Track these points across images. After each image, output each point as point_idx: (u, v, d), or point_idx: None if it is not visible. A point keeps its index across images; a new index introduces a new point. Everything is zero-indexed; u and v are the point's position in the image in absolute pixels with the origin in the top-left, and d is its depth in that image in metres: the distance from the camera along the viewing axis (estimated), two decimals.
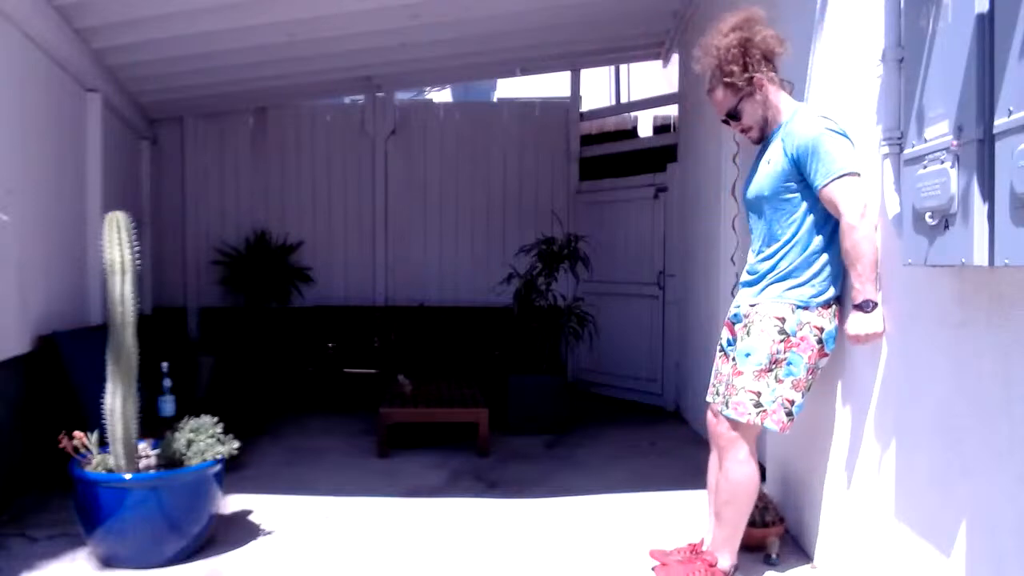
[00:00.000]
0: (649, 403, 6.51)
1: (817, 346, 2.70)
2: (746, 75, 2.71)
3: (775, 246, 2.76)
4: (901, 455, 2.36)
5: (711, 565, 2.79)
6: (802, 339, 2.69)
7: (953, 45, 1.80)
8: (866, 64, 2.53)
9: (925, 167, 1.94)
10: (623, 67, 9.42)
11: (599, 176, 7.27)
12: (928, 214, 1.91)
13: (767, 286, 2.77)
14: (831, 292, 2.71)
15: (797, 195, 2.70)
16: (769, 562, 3.05)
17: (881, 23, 2.34)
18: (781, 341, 2.69)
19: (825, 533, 2.97)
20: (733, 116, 2.82)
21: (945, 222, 1.85)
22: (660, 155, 6.65)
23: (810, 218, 2.70)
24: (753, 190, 2.83)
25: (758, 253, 2.84)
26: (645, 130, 7.40)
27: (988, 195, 1.68)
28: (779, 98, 2.80)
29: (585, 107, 7.66)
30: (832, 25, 2.93)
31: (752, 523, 3.09)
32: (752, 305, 2.79)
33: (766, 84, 2.74)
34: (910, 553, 2.27)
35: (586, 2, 5.35)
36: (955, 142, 1.79)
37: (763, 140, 2.85)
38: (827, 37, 2.98)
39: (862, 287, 2.48)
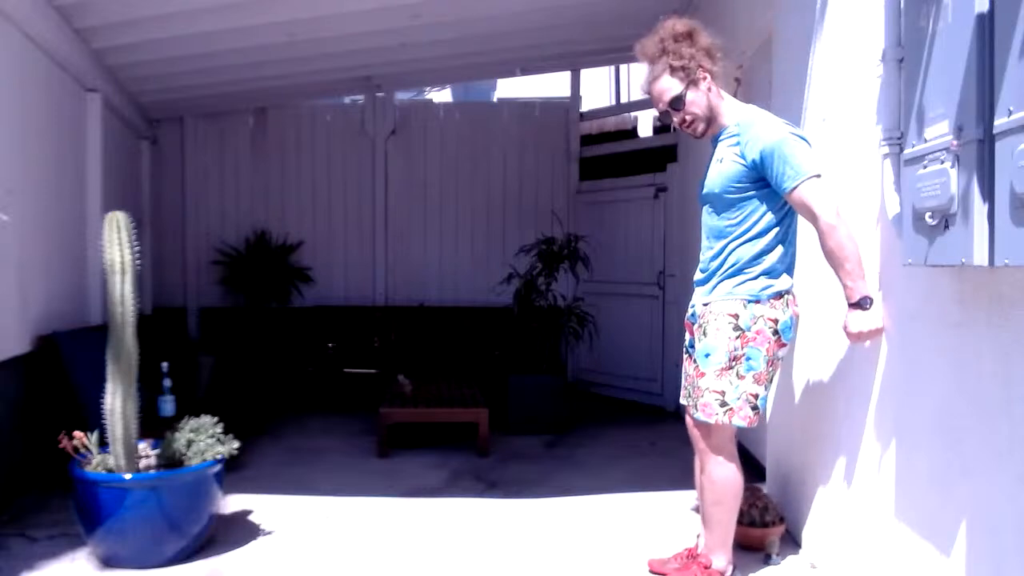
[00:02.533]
0: (649, 403, 6.51)
1: (773, 338, 2.70)
2: (694, 61, 2.73)
3: (724, 242, 2.76)
4: (901, 455, 2.36)
5: (707, 567, 2.79)
6: (758, 333, 2.68)
7: (953, 45, 1.80)
8: (866, 64, 2.53)
9: (925, 167, 1.94)
10: (623, 67, 9.41)
11: (599, 176, 7.27)
12: (928, 214, 1.91)
13: (718, 283, 2.77)
14: (782, 284, 2.72)
15: (748, 193, 2.70)
16: (769, 562, 3.05)
17: (881, 23, 2.34)
18: (737, 338, 2.69)
19: (825, 533, 2.97)
20: (676, 106, 2.78)
21: (945, 222, 1.85)
22: (660, 155, 6.65)
23: (760, 214, 2.70)
24: (706, 188, 2.83)
25: (709, 249, 2.84)
26: (645, 130, 7.40)
27: (988, 195, 1.68)
28: (723, 96, 2.82)
29: (585, 107, 7.66)
30: (832, 25, 2.93)
31: (752, 523, 3.10)
32: (705, 304, 2.79)
33: (711, 77, 2.76)
34: (910, 553, 2.27)
35: (586, 2, 5.34)
36: (955, 142, 1.79)
37: (705, 135, 2.84)
38: (827, 37, 2.98)
39: (854, 285, 2.47)
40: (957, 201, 1.78)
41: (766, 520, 3.11)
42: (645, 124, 7.43)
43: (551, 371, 5.88)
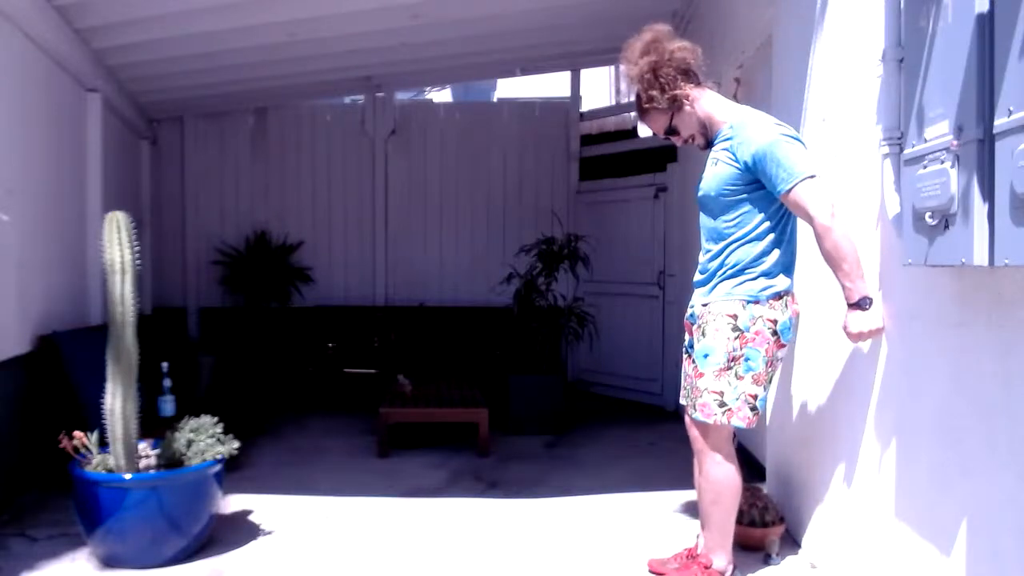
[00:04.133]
0: (649, 403, 6.51)
1: (772, 338, 2.70)
2: (666, 96, 2.75)
3: (722, 243, 2.76)
4: (901, 455, 2.36)
5: (707, 567, 2.79)
6: (757, 333, 2.68)
7: (953, 45, 1.80)
8: (866, 64, 2.53)
9: (925, 167, 1.94)
10: (623, 65, 9.40)
11: (599, 176, 7.27)
12: (928, 214, 1.91)
13: (716, 284, 2.77)
14: (781, 285, 2.72)
15: (744, 195, 2.71)
16: (769, 562, 3.05)
17: (881, 23, 2.34)
18: (736, 338, 2.69)
19: (825, 533, 2.97)
20: (672, 132, 2.87)
21: (945, 222, 1.85)
22: (660, 155, 6.65)
23: (757, 216, 2.70)
24: (702, 190, 2.84)
25: (707, 252, 2.84)
26: (645, 130, 7.39)
27: (988, 195, 1.68)
28: (711, 102, 2.82)
29: (585, 107, 7.66)
30: (832, 25, 2.93)
31: (752, 523, 3.10)
32: (704, 305, 2.80)
33: (691, 94, 2.77)
34: (910, 553, 2.27)
35: (586, 2, 5.35)
36: (955, 142, 1.79)
37: (709, 144, 2.87)
38: (827, 37, 2.98)
39: (853, 285, 2.47)
40: (957, 201, 1.79)
41: (766, 520, 3.12)
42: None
43: (551, 371, 5.88)
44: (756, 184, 2.68)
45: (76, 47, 4.70)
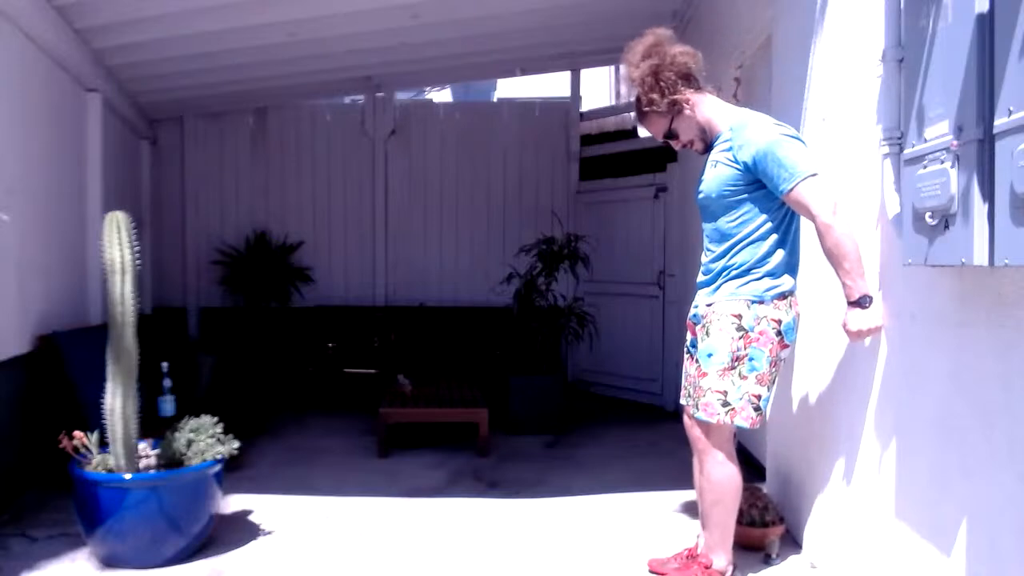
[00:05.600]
0: (649, 403, 6.51)
1: (777, 338, 2.70)
2: (666, 100, 2.76)
3: (726, 244, 2.77)
4: (901, 455, 2.36)
5: (707, 567, 2.79)
6: (761, 333, 2.69)
7: (953, 45, 1.80)
8: (866, 64, 2.53)
9: (925, 167, 1.94)
10: (623, 67, 9.41)
11: (599, 176, 7.27)
12: (928, 214, 1.91)
13: (721, 284, 2.77)
14: (785, 285, 2.72)
15: (745, 195, 2.71)
16: (769, 562, 3.05)
17: (881, 23, 2.34)
18: (740, 338, 2.69)
19: (825, 533, 2.97)
20: (671, 136, 2.87)
21: (945, 222, 1.85)
22: (660, 155, 6.64)
23: (761, 216, 2.70)
24: (702, 191, 2.84)
25: (711, 252, 2.84)
26: (645, 131, 7.39)
27: (988, 195, 1.68)
28: (711, 107, 2.82)
29: (585, 107, 7.66)
30: (832, 25, 2.93)
31: (752, 523, 3.10)
32: (708, 305, 2.80)
33: (691, 98, 2.77)
34: (910, 553, 2.27)
35: (586, 2, 5.35)
36: (955, 142, 1.79)
37: (708, 148, 2.87)
38: (827, 37, 2.98)
39: (854, 283, 2.48)
40: (957, 201, 1.78)
41: (766, 520, 3.12)
42: None
43: (551, 371, 5.88)
44: (757, 184, 2.68)
45: (76, 47, 4.70)
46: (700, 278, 2.89)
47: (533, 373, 5.80)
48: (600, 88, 9.73)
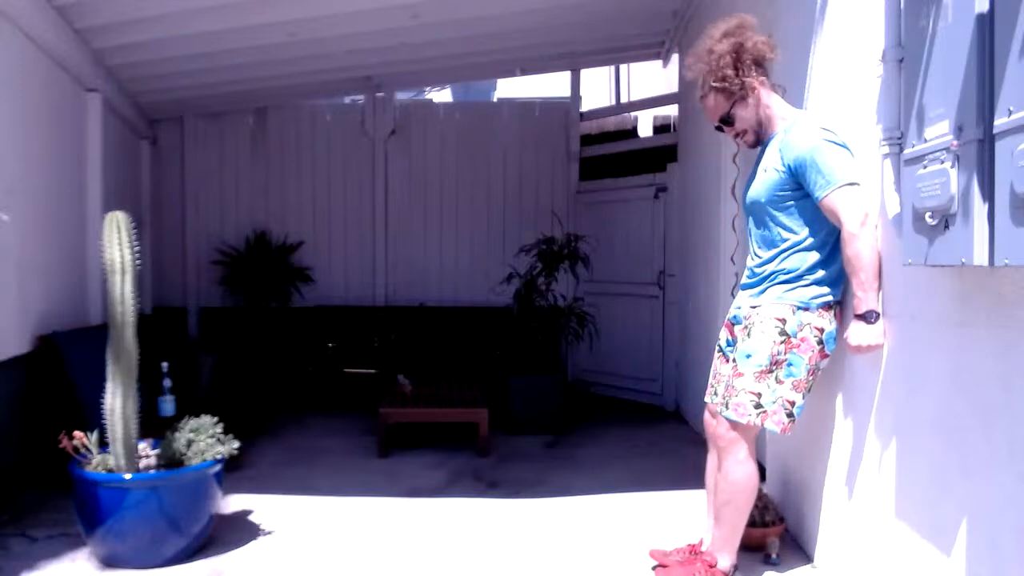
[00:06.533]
0: (649, 403, 6.51)
1: (818, 347, 2.70)
2: (738, 80, 2.73)
3: (775, 250, 2.77)
4: (901, 455, 2.36)
5: (711, 566, 2.79)
6: (803, 340, 2.69)
7: (953, 45, 1.80)
8: (866, 64, 2.53)
9: (925, 167, 1.94)
10: (623, 67, 9.41)
11: (599, 176, 7.27)
12: (928, 214, 1.91)
13: (768, 288, 2.77)
14: (831, 294, 2.72)
15: (794, 202, 2.71)
16: (769, 562, 3.05)
17: (881, 23, 2.34)
18: (782, 342, 2.69)
19: (825, 533, 2.97)
20: (726, 121, 2.84)
21: (945, 222, 1.85)
22: (660, 155, 6.65)
23: (810, 223, 2.70)
24: (751, 196, 2.84)
25: (758, 257, 2.84)
26: (645, 130, 7.40)
27: (988, 195, 1.68)
28: (772, 102, 2.81)
29: (585, 107, 7.66)
30: (832, 25, 2.93)
31: (752, 523, 3.09)
32: (753, 307, 2.80)
33: (758, 88, 2.76)
34: (910, 553, 2.27)
35: (586, 2, 5.34)
36: (955, 142, 1.79)
37: (759, 144, 2.86)
38: (827, 37, 2.98)
39: (865, 295, 2.48)
40: (957, 201, 1.78)
41: (766, 520, 3.11)
42: (645, 124, 7.43)
43: (551, 371, 5.88)
44: (802, 190, 2.68)
45: (76, 47, 4.70)
46: (745, 280, 2.90)
47: (533, 373, 5.80)
48: (600, 88, 9.73)
